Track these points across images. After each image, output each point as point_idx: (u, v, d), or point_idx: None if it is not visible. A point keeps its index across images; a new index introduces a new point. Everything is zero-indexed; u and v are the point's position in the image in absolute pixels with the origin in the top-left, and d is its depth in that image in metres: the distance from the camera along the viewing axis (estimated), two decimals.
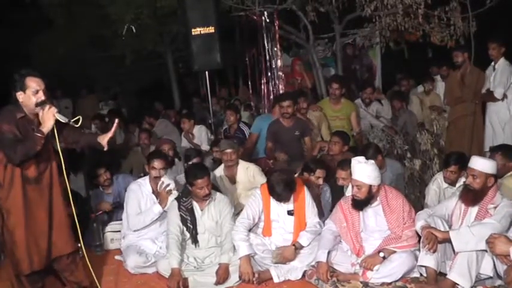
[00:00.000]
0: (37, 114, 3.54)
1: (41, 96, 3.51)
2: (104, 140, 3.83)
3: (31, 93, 3.50)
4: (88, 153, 7.14)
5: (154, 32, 10.93)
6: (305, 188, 4.51)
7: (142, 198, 4.85)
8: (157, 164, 4.80)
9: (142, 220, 4.76)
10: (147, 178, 4.95)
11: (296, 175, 4.87)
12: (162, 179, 4.80)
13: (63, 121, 3.50)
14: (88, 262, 3.75)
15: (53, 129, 3.51)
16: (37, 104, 3.50)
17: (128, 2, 10.13)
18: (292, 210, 4.42)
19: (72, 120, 3.55)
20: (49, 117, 3.46)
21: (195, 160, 5.69)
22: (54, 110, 3.49)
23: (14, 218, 3.56)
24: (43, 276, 3.84)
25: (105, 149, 3.83)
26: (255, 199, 4.49)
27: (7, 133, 3.43)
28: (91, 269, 3.77)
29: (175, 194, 4.73)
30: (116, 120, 3.93)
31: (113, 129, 3.88)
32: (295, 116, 6.14)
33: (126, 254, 4.72)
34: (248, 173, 5.19)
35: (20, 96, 3.52)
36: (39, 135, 3.44)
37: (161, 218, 4.81)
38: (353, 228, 4.18)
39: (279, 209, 4.45)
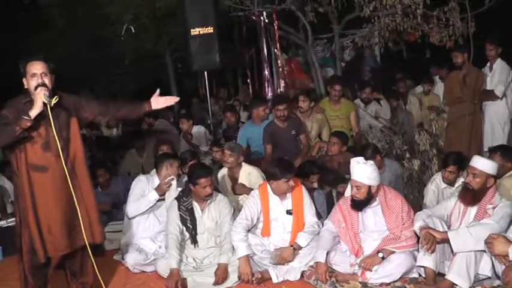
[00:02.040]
0: None
1: (38, 80, 3.54)
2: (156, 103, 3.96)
3: (30, 77, 3.56)
4: (87, 154, 7.17)
5: (153, 32, 10.94)
6: (303, 188, 4.52)
7: (147, 191, 4.87)
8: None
9: (138, 206, 4.80)
10: (155, 175, 4.98)
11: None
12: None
13: (46, 102, 3.48)
14: (94, 262, 3.76)
15: (47, 115, 3.50)
16: (35, 88, 3.53)
17: (127, 2, 10.14)
18: (291, 210, 4.43)
19: (51, 101, 3.51)
20: (37, 99, 3.48)
21: (191, 163, 5.65)
22: (41, 92, 3.48)
23: (23, 204, 3.61)
24: (45, 273, 3.84)
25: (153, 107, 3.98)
26: (253, 200, 4.49)
27: (2, 118, 3.49)
28: (96, 269, 3.78)
29: (174, 189, 4.79)
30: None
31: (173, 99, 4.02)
32: (289, 117, 6.17)
33: (125, 251, 4.74)
34: (250, 178, 5.15)
35: (24, 82, 3.60)
36: (25, 117, 3.44)
37: (160, 215, 4.85)
38: (352, 229, 4.19)
39: (278, 209, 4.45)
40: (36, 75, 3.55)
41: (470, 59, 6.28)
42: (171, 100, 4.05)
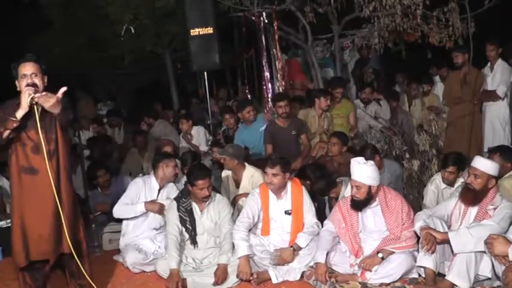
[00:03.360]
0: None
1: (28, 80, 3.52)
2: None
3: (20, 79, 3.56)
4: (89, 154, 7.18)
5: (153, 32, 10.92)
6: (303, 188, 4.52)
7: (143, 193, 4.89)
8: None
9: (124, 211, 4.83)
10: (152, 176, 4.99)
11: (293, 175, 4.87)
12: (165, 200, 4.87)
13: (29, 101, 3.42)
14: (80, 264, 3.72)
15: (33, 117, 3.45)
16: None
17: (127, 2, 10.13)
18: (290, 210, 4.44)
19: (29, 99, 3.43)
20: (22, 100, 3.43)
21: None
22: (26, 92, 3.43)
23: (11, 206, 3.63)
24: (43, 274, 3.85)
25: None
26: (254, 198, 4.51)
27: None
28: (83, 271, 3.76)
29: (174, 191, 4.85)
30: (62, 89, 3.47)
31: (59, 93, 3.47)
32: (291, 116, 6.17)
33: (125, 251, 4.75)
34: (252, 181, 5.12)
35: (17, 84, 3.59)
36: (11, 118, 3.42)
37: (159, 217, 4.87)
38: (351, 229, 4.19)
39: (277, 209, 4.46)
40: (26, 76, 3.53)
41: (470, 60, 6.29)
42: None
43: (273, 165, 4.37)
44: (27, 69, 3.55)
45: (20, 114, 3.42)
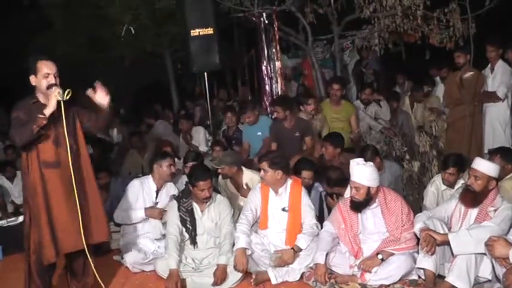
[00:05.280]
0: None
1: (51, 80, 3.58)
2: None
3: (42, 76, 3.59)
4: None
5: (153, 33, 10.93)
6: (302, 189, 4.52)
7: (141, 196, 4.89)
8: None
9: (125, 217, 4.83)
10: (150, 177, 4.98)
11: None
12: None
13: (60, 99, 3.51)
14: (91, 262, 3.74)
15: (59, 111, 3.53)
16: (47, 88, 3.56)
17: (127, 3, 10.14)
18: (287, 208, 4.45)
19: (65, 95, 3.53)
20: (51, 98, 3.51)
21: (189, 164, 5.60)
22: (55, 91, 3.51)
23: (35, 202, 3.61)
24: (51, 274, 3.85)
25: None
26: (255, 191, 4.57)
27: (15, 119, 3.53)
28: (94, 270, 3.78)
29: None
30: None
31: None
32: (297, 117, 6.16)
33: (125, 250, 4.76)
34: (253, 184, 5.06)
35: (32, 79, 3.63)
36: (40, 116, 3.46)
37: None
38: (351, 230, 4.18)
39: (274, 204, 4.49)
40: (50, 75, 3.59)
41: (471, 61, 6.29)
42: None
43: (262, 160, 4.45)
44: (51, 69, 3.62)
45: (48, 111, 3.48)
